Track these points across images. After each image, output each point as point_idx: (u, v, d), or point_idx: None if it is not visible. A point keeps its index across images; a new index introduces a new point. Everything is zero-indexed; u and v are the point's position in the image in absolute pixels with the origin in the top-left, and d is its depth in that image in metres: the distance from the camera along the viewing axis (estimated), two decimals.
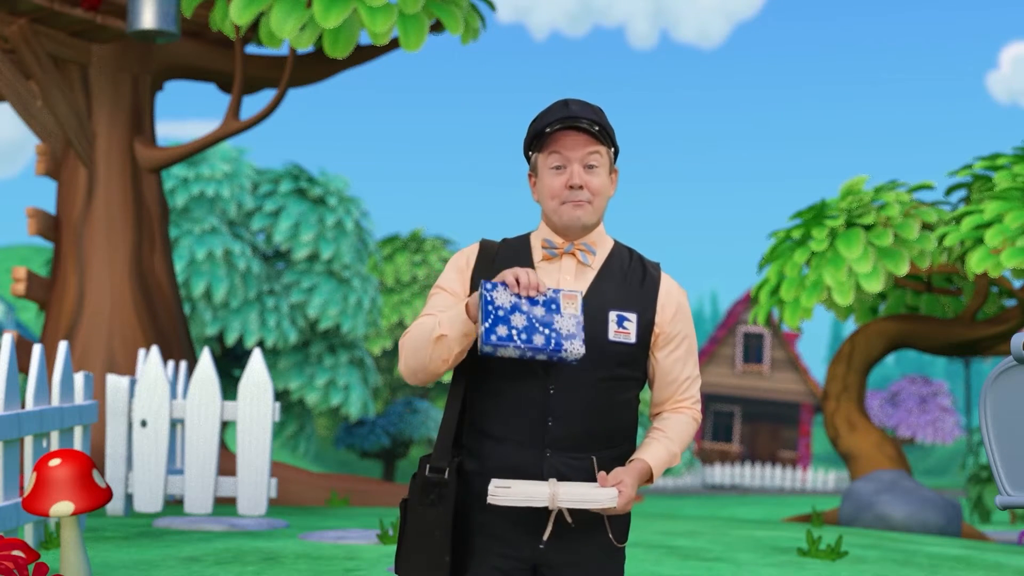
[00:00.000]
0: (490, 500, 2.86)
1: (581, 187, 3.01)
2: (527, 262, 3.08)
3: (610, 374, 3.00)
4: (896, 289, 16.54)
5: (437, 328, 2.97)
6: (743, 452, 61.54)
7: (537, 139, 3.05)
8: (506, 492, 2.86)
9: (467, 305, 2.94)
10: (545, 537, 2.97)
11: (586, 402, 2.99)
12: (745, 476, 56.28)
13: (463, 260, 3.11)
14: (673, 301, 3.10)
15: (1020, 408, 3.44)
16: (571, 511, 3.02)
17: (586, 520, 3.04)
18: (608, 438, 3.03)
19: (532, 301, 2.90)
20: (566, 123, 3.00)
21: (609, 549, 3.08)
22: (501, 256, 3.10)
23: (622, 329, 3.01)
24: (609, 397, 3.01)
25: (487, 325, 2.87)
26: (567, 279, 3.05)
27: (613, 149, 3.09)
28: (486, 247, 3.11)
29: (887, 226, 14.34)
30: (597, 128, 3.01)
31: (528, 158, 3.12)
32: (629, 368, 3.03)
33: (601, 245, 3.09)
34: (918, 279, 16.11)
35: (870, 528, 13.93)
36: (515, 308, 2.89)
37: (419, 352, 3.00)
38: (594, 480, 3.02)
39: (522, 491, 2.87)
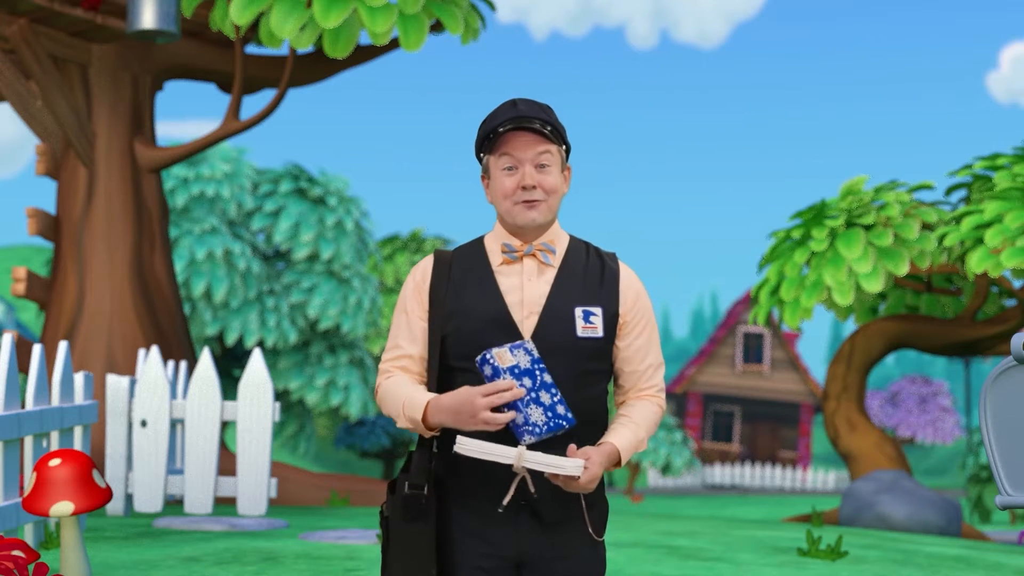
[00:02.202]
0: (457, 449, 2.86)
1: (534, 187, 3.01)
2: (484, 267, 3.07)
3: (582, 369, 3.02)
4: (896, 289, 16.54)
5: (402, 415, 3.04)
6: (743, 452, 61.53)
7: (488, 141, 3.04)
8: (473, 443, 2.86)
9: (425, 417, 2.99)
10: (505, 502, 2.97)
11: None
12: (745, 476, 56.25)
13: (419, 276, 3.11)
14: (633, 290, 3.11)
15: (1020, 408, 3.44)
16: (537, 485, 3.02)
17: (566, 514, 3.05)
18: (586, 432, 3.05)
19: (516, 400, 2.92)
20: (516, 123, 2.99)
21: (589, 542, 3.09)
22: (457, 264, 3.09)
23: (589, 324, 3.02)
24: (582, 393, 3.02)
25: (528, 437, 2.92)
26: (529, 280, 3.05)
27: (564, 147, 3.09)
28: (440, 258, 3.10)
29: (887, 226, 14.34)
30: (548, 128, 3.01)
31: (480, 160, 3.12)
32: (599, 362, 3.05)
33: (558, 242, 3.10)
34: (918, 279, 16.11)
35: (870, 528, 13.92)
36: (515, 407, 2.93)
37: (393, 417, 3.09)
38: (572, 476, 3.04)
39: (491, 447, 2.87)
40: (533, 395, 2.90)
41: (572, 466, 2.88)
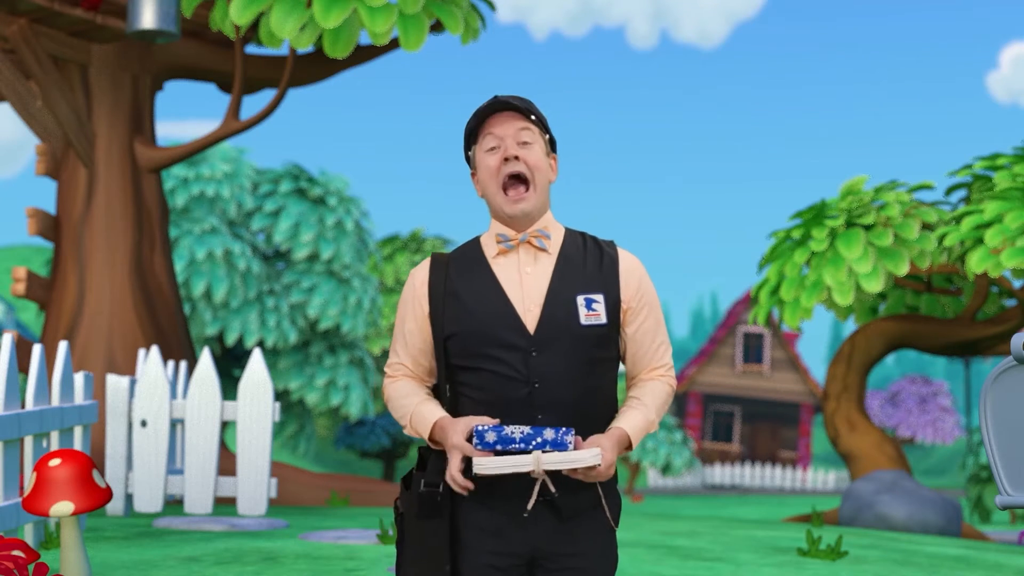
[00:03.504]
0: (476, 471, 2.87)
1: (517, 158, 3.03)
2: (481, 263, 3.09)
3: (587, 358, 3.02)
4: (896, 289, 16.54)
5: (409, 427, 3.07)
6: (743, 452, 61.52)
7: (472, 135, 3.09)
8: (492, 462, 2.87)
9: (432, 434, 3.02)
10: (530, 506, 2.98)
11: (570, 391, 3.00)
12: (745, 476, 56.25)
13: (417, 282, 3.13)
14: (635, 275, 3.12)
15: (1020, 408, 3.44)
16: (556, 482, 3.02)
17: (582, 506, 3.06)
18: (593, 423, 3.05)
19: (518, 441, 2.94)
20: (493, 107, 3.04)
21: (602, 535, 3.09)
22: (454, 264, 3.11)
23: (592, 312, 3.03)
24: (590, 382, 3.03)
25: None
26: (526, 269, 3.06)
27: (548, 137, 3.11)
28: (437, 260, 3.12)
29: (887, 226, 14.34)
30: (525, 109, 3.05)
31: (469, 161, 3.14)
32: (604, 349, 3.05)
33: (553, 231, 3.11)
34: (918, 279, 16.11)
35: (870, 528, 13.92)
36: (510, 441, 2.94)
37: (400, 423, 3.14)
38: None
39: (507, 460, 2.88)
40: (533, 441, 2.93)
41: (590, 456, 2.87)
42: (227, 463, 12.57)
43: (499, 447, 2.89)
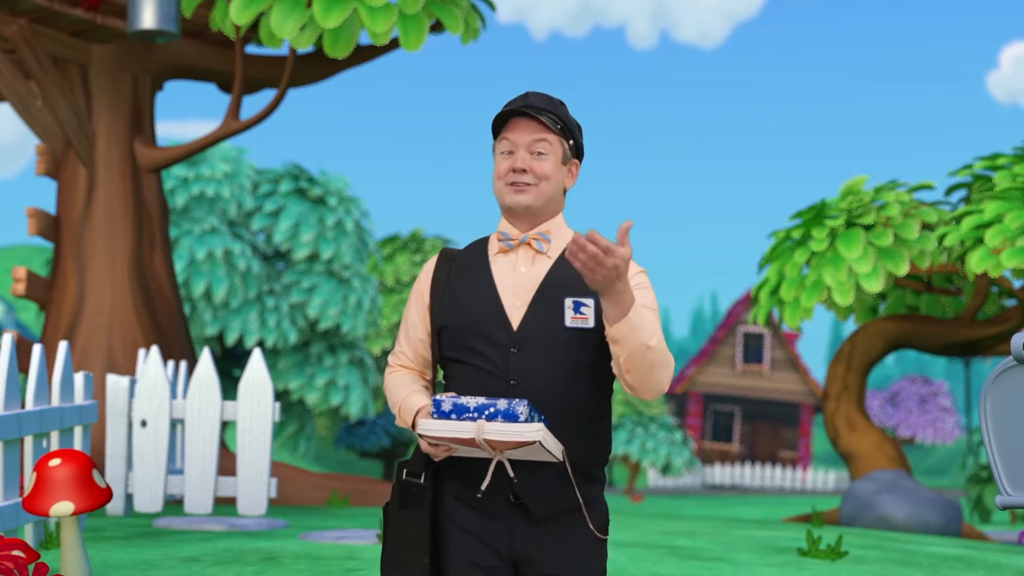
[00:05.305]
0: (419, 431, 2.88)
1: (524, 170, 3.02)
2: (484, 259, 3.10)
3: (570, 360, 2.99)
4: (896, 289, 16.54)
5: (399, 417, 3.10)
6: (743, 452, 61.52)
7: (495, 129, 3.10)
8: (435, 425, 2.87)
9: (413, 422, 3.06)
10: (483, 486, 2.95)
11: (547, 391, 2.98)
12: (745, 476, 56.26)
13: (423, 275, 3.17)
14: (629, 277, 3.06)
15: (1020, 408, 3.44)
16: (515, 467, 2.99)
17: (558, 512, 3.03)
18: (575, 426, 3.01)
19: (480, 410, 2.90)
20: (515, 110, 3.03)
21: (589, 542, 3.06)
22: (459, 259, 3.13)
23: (579, 315, 3.00)
24: (570, 384, 3.00)
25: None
26: (522, 269, 3.05)
27: (572, 142, 3.09)
28: (445, 255, 3.14)
29: (887, 226, 14.34)
30: (547, 117, 3.03)
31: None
32: (589, 353, 3.01)
33: (559, 235, 3.09)
34: (918, 279, 16.11)
35: (870, 528, 13.92)
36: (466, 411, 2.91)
37: (393, 412, 3.18)
38: (563, 470, 3.00)
39: (450, 424, 2.87)
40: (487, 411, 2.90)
41: (530, 431, 2.82)
42: (227, 463, 12.57)
43: (454, 416, 2.87)
